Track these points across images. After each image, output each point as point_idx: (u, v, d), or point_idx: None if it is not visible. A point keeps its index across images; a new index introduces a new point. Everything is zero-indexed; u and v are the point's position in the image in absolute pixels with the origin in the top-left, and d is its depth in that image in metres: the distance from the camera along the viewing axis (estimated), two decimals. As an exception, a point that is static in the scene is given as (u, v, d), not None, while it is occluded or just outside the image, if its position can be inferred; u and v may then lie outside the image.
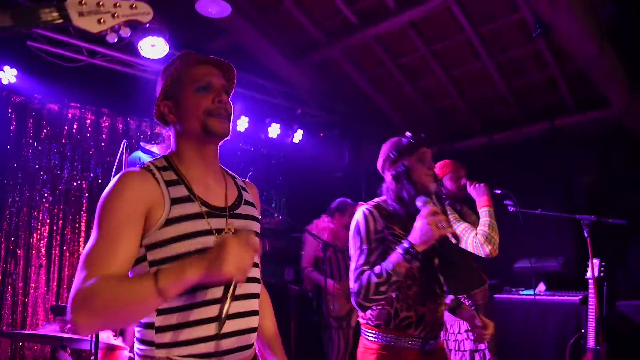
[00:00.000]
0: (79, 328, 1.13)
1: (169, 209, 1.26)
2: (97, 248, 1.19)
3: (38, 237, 4.05)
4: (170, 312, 1.23)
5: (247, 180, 1.59)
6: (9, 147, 4.05)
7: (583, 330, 3.85)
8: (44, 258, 4.03)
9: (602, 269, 3.84)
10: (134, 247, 1.23)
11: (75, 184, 4.33)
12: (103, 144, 4.48)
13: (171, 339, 1.23)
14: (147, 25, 1.37)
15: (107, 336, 2.81)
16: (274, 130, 5.25)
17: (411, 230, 1.84)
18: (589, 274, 3.73)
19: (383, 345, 1.98)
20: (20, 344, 3.78)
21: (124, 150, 2.74)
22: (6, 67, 3.82)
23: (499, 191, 3.01)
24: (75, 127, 4.39)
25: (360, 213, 2.03)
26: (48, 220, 4.12)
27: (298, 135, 5.46)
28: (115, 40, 1.13)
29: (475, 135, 5.88)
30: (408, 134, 2.16)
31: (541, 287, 4.68)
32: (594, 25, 3.17)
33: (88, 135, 4.46)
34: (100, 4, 1.09)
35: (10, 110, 4.09)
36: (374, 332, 2.01)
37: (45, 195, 4.15)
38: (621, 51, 3.91)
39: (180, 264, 1.17)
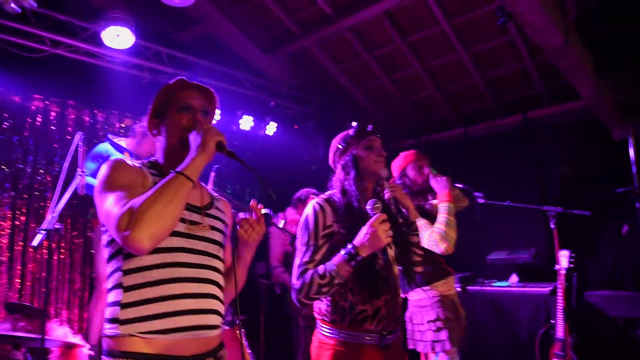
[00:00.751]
0: (141, 241, 1.23)
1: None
2: (116, 197, 1.32)
3: (-1, 232, 3.95)
4: (135, 289, 1.34)
5: (221, 197, 1.74)
6: (-31, 140, 3.92)
7: (552, 321, 3.89)
8: (6, 254, 3.92)
9: (572, 260, 3.86)
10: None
11: (39, 178, 4.22)
12: (69, 137, 4.35)
13: (134, 315, 1.32)
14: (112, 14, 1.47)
15: (63, 334, 2.74)
16: (247, 122, 5.17)
17: (357, 234, 1.83)
18: (560, 266, 3.78)
19: (339, 341, 1.94)
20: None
21: (80, 143, 2.66)
22: (-36, 58, 3.69)
23: (461, 185, 2.97)
24: (39, 119, 4.26)
25: (310, 207, 1.98)
26: (10, 215, 4.00)
27: (271, 128, 5.39)
28: (18, 10, 1.06)
29: (451, 128, 5.88)
30: (354, 124, 2.16)
31: (514, 278, 4.71)
32: (560, 15, 3.15)
33: (53, 128, 4.33)
34: None
35: (-30, 103, 3.97)
36: (330, 327, 1.97)
37: (7, 189, 4.03)
38: (589, 42, 3.91)
39: (187, 157, 1.39)
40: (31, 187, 4.15)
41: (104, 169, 1.42)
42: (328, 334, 1.97)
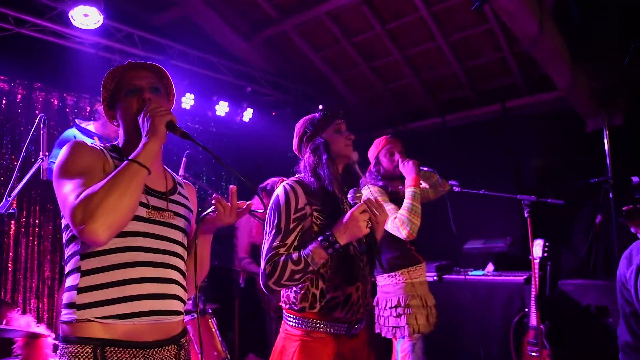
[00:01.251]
0: (97, 234, 1.19)
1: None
2: (73, 184, 1.28)
3: (-37, 218, 3.79)
4: (93, 273, 1.30)
5: (186, 182, 1.71)
6: None
7: (527, 310, 3.91)
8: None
9: (546, 249, 3.89)
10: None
11: (4, 162, 4.06)
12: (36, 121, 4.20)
13: (92, 299, 1.29)
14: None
15: (25, 323, 2.63)
16: (222, 108, 5.07)
17: (338, 223, 1.79)
18: (534, 254, 3.80)
19: (306, 331, 1.88)
20: None
21: (42, 125, 2.55)
22: None
23: (426, 168, 2.93)
24: (3, 101, 4.10)
25: (281, 188, 1.90)
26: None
27: (248, 114, 5.29)
28: None
29: (429, 117, 5.87)
30: (321, 107, 2.10)
31: (490, 267, 4.74)
32: (536, 3, 3.12)
33: (19, 110, 4.17)
34: None
35: None
36: (296, 317, 1.90)
37: (-29, 174, 3.88)
38: (566, 32, 3.90)
39: (140, 144, 1.34)
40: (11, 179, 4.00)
41: (62, 152, 1.36)
42: (294, 324, 1.90)
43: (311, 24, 5.10)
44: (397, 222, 2.63)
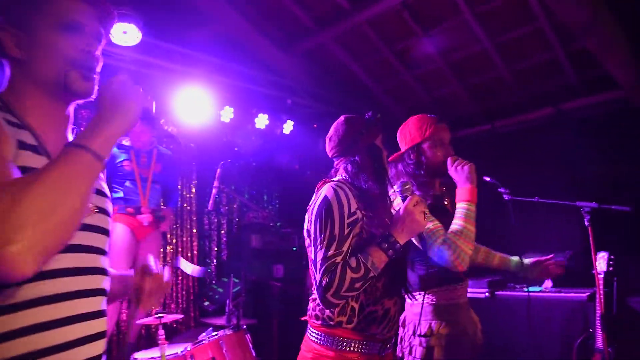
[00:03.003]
0: (22, 264, 0.76)
1: (16, 153, 0.93)
2: None
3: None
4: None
5: None
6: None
7: (591, 330, 3.58)
8: None
9: (612, 262, 3.56)
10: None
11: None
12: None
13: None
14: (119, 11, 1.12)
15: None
16: (262, 120, 5.04)
17: (393, 221, 1.68)
18: (598, 269, 3.48)
19: (339, 352, 1.71)
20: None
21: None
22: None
23: (488, 179, 2.39)
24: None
25: (330, 190, 1.71)
26: None
27: (288, 126, 5.24)
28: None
29: (477, 123, 5.60)
30: (371, 113, 1.97)
31: (548, 283, 4.40)
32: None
33: (65, 128, 4.31)
34: None
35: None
36: (326, 334, 1.74)
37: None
38: (626, 24, 3.55)
39: (92, 123, 0.93)
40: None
41: None
42: (324, 343, 1.73)
43: (350, 33, 5.01)
44: (444, 248, 2.00)
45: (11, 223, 0.76)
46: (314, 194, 1.86)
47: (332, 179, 1.84)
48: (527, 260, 2.55)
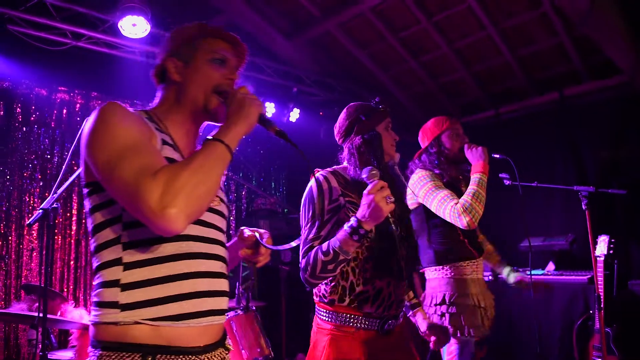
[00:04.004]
0: (177, 222, 1.01)
1: (161, 147, 1.21)
2: (134, 156, 1.06)
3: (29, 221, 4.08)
4: (140, 267, 1.12)
5: None
6: (-3, 132, 4.07)
7: (591, 312, 3.65)
8: (35, 242, 4.06)
9: (612, 246, 3.61)
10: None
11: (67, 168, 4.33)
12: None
13: (141, 297, 1.10)
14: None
15: (79, 315, 2.78)
16: (269, 109, 5.13)
17: (360, 207, 1.70)
18: (597, 252, 3.54)
19: (337, 325, 1.85)
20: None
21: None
22: (-11, 52, 3.81)
23: (498, 155, 2.76)
24: (64, 111, 4.38)
25: (315, 180, 1.87)
26: (39, 204, 4.14)
27: (294, 114, 5.32)
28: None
29: (482, 110, 5.62)
30: (377, 99, 2.04)
31: (550, 266, 4.47)
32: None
33: (78, 119, 4.45)
34: None
35: (-3, 96, 4.10)
36: (327, 310, 1.88)
37: (36, 179, 4.16)
38: (626, 9, 3.56)
39: (224, 125, 1.18)
40: (58, 176, 4.27)
41: (101, 117, 1.12)
42: (325, 318, 1.88)
43: (355, 21, 5.04)
44: (459, 208, 2.39)
45: (172, 193, 1.01)
46: None
47: (325, 169, 1.95)
48: (514, 275, 3.02)
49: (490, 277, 4.34)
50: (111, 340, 1.09)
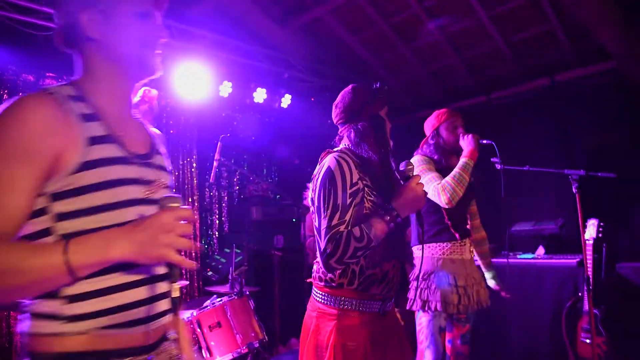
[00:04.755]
0: None
1: (87, 150, 1.04)
2: None
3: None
4: (86, 278, 1.01)
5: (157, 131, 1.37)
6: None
7: (580, 294, 3.71)
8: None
9: (601, 229, 3.67)
10: (31, 196, 0.98)
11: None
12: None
13: (93, 308, 1.02)
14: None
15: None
16: (260, 95, 5.09)
17: (397, 195, 1.77)
18: (586, 236, 3.59)
19: (342, 310, 1.84)
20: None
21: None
22: (-25, 37, 3.72)
23: (485, 141, 2.87)
24: (53, 97, 4.30)
25: (333, 161, 1.79)
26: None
27: (286, 100, 5.29)
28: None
29: (473, 95, 5.64)
30: (378, 84, 2.02)
31: (540, 250, 4.52)
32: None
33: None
34: None
35: (-17, 82, 4.01)
36: (330, 295, 1.86)
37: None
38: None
39: (101, 237, 0.97)
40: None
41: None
42: (328, 303, 1.86)
43: (346, 7, 5.00)
44: (439, 188, 2.61)
45: None
46: (318, 164, 1.92)
47: (335, 149, 1.92)
48: (493, 282, 3.15)
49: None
50: (55, 351, 1.01)
